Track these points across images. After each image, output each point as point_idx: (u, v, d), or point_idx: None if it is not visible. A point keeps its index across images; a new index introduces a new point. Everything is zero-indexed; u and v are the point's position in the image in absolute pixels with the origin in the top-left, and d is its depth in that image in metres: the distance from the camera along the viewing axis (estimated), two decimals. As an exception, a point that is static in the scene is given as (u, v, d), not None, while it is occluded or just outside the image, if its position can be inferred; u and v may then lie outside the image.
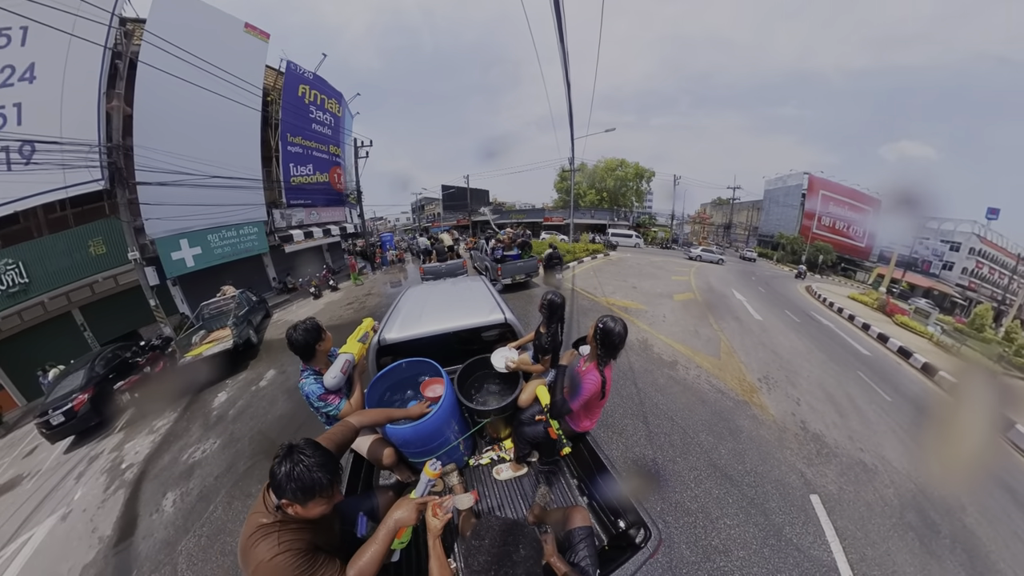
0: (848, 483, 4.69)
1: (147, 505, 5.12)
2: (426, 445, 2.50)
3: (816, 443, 5.43)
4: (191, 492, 5.14)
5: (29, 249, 10.48)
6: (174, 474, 5.65)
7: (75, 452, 7.22)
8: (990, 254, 32.75)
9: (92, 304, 11.83)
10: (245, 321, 10.18)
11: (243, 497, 4.88)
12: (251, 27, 13.93)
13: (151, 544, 4.41)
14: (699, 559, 3.46)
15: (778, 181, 39.77)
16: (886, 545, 3.85)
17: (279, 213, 16.36)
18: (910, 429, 6.33)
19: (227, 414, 7.10)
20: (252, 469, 5.38)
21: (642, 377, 6.82)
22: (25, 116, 9.73)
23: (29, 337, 11.12)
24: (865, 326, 12.80)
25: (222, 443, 6.17)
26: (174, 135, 11.93)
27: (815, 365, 8.50)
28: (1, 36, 9.43)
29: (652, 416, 5.64)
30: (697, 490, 4.29)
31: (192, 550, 4.19)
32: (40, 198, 10.03)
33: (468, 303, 4.05)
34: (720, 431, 5.43)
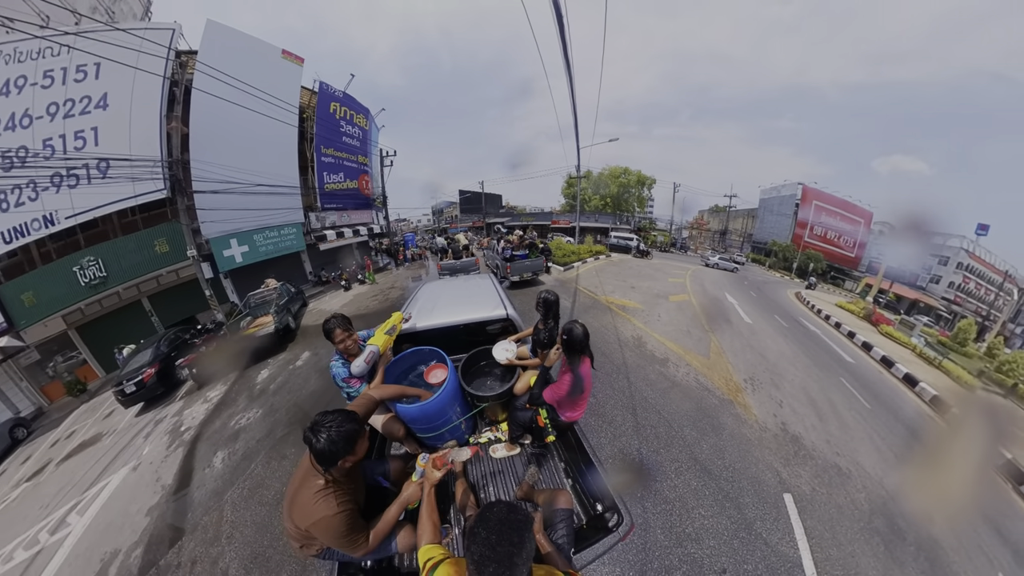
0: (821, 485, 4.42)
1: (201, 461, 5.39)
2: (431, 423, 2.52)
3: (794, 444, 5.13)
4: (237, 452, 5.36)
5: (106, 248, 10.96)
6: (223, 436, 5.87)
7: (144, 416, 7.60)
8: (977, 269, 30.47)
9: (157, 294, 12.34)
10: (285, 310, 10.27)
11: (279, 459, 5.04)
12: (287, 53, 14.00)
13: (203, 493, 4.69)
14: (672, 544, 3.38)
15: (773, 191, 37.74)
16: (852, 547, 3.61)
17: (314, 215, 16.47)
18: (887, 437, 5.90)
19: (268, 388, 7.24)
20: (288, 435, 5.52)
21: (634, 372, 6.55)
22: (101, 138, 10.17)
23: (107, 321, 11.73)
24: (851, 334, 11.89)
25: (263, 412, 6.32)
26: (224, 149, 12.15)
27: (800, 369, 7.94)
28: (80, 72, 9.88)
29: (641, 409, 5.42)
30: (677, 480, 4.16)
31: (236, 499, 4.42)
32: (114, 206, 10.48)
33: (475, 299, 3.99)
34: (704, 427, 5.18)
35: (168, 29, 10.58)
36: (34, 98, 9.76)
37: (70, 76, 9.88)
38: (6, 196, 9.74)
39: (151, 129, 10.59)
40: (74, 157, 9.98)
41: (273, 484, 4.60)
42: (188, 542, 4.01)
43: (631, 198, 39.41)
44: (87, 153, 10.02)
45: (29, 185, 9.81)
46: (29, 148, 9.73)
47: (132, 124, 10.39)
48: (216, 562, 3.68)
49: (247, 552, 3.72)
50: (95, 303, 11.20)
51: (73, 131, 9.99)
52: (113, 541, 4.39)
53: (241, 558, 3.66)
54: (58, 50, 9.67)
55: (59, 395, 11.17)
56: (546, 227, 35.89)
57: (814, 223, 34.03)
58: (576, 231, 23.83)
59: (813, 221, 34.03)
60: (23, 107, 9.71)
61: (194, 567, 3.69)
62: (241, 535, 3.94)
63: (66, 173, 10.02)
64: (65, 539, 4.72)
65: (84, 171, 10.10)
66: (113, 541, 4.39)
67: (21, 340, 10.24)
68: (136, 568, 3.89)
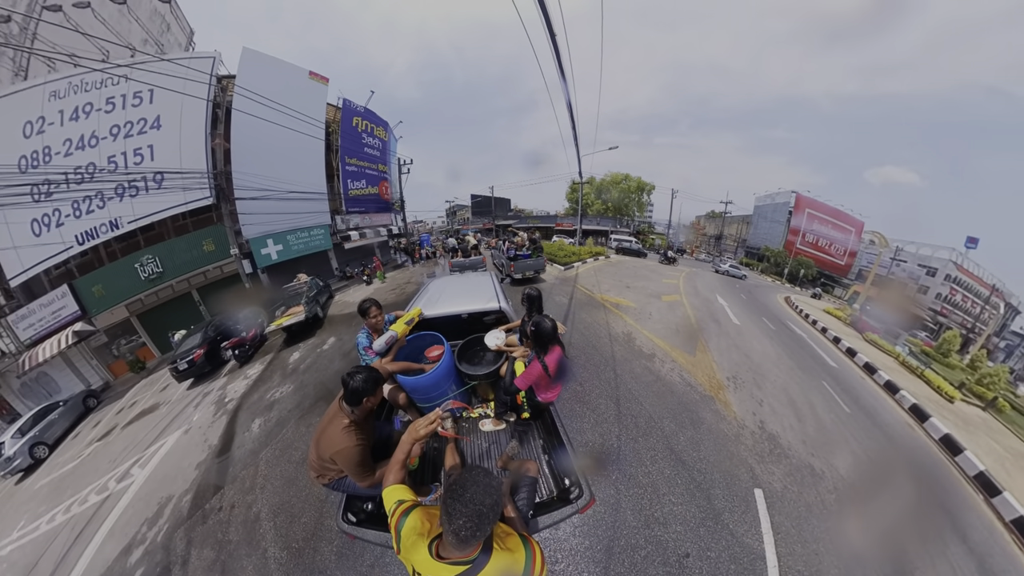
0: (793, 483, 4.13)
1: (241, 426, 5.68)
2: (428, 394, 2.68)
3: (770, 443, 4.81)
4: (271, 419, 5.61)
5: (162, 248, 11.41)
6: (260, 407, 6.14)
7: (194, 389, 7.96)
8: (965, 282, 28.30)
9: (205, 286, 12.68)
10: (314, 301, 10.22)
11: (307, 426, 5.21)
12: (314, 74, 14.20)
13: (242, 452, 4.99)
14: (640, 525, 3.30)
15: (767, 198, 35.95)
16: (816, 546, 3.38)
17: (340, 218, 16.69)
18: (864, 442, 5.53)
19: (299, 367, 7.43)
20: (314, 407, 5.68)
21: (622, 365, 6.31)
22: (156, 154, 10.60)
23: (162, 309, 12.20)
24: (836, 339, 11.10)
25: (294, 388, 6.51)
26: (261, 161, 12.39)
27: (783, 371, 7.45)
28: (136, 98, 10.32)
29: (624, 400, 5.22)
30: (651, 467, 4.00)
31: (269, 457, 4.70)
32: (168, 212, 10.94)
33: (475, 293, 4.08)
34: (683, 420, 4.93)
35: (209, 57, 10.98)
36: (99, 122, 10.24)
37: (128, 102, 10.34)
38: (79, 205, 10.29)
39: (198, 145, 11.01)
40: (134, 171, 10.48)
41: (300, 446, 4.81)
42: (228, 491, 4.33)
43: (631, 203, 38.36)
44: (144, 167, 10.51)
45: (98, 195, 10.36)
46: (97, 164, 10.26)
47: (182, 141, 10.82)
48: (250, 507, 3.99)
49: (276, 500, 4.00)
50: (152, 294, 11.72)
51: (132, 149, 10.48)
52: (168, 489, 4.77)
53: (270, 505, 3.94)
54: (117, 80, 10.13)
55: (122, 372, 11.78)
56: (551, 229, 35.24)
57: (806, 230, 32.52)
58: (578, 233, 23.59)
59: (805, 228, 32.51)
60: (91, 129, 10.21)
61: (232, 511, 4.01)
62: (272, 486, 4.22)
63: (128, 185, 10.53)
64: (129, 487, 5.13)
65: (143, 183, 10.60)
66: (168, 489, 4.77)
67: (93, 325, 10.84)
68: (186, 510, 4.26)
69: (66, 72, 10.00)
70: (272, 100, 11.46)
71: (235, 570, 3.35)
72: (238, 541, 3.65)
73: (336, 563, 3.21)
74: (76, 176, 10.11)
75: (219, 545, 3.67)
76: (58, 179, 9.97)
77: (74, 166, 10.12)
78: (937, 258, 28.93)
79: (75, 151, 10.16)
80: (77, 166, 10.16)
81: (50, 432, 8.28)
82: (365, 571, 3.09)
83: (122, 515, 4.64)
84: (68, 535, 4.70)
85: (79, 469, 6.57)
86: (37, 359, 9.63)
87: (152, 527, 4.25)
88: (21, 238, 9.89)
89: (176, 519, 4.19)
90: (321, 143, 15.00)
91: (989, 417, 8.74)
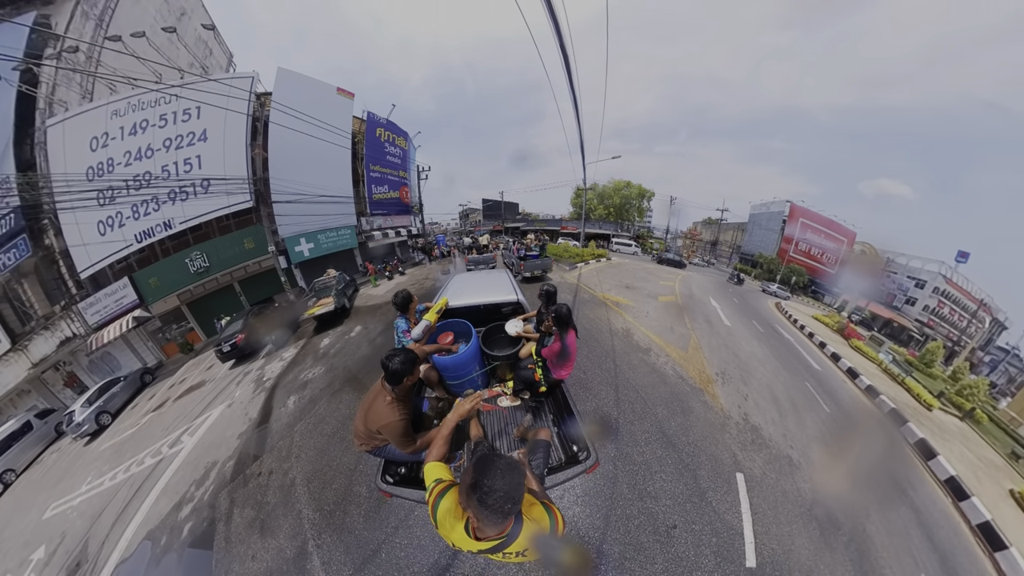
0: (772, 471, 4.17)
1: (278, 402, 5.80)
2: (457, 372, 2.78)
3: (753, 433, 4.83)
4: (304, 397, 5.73)
5: (209, 246, 11.65)
6: (295, 386, 6.26)
7: (236, 369, 8.15)
8: (953, 295, 26.95)
9: (246, 279, 12.90)
10: (342, 293, 10.25)
11: (337, 403, 5.28)
12: (341, 90, 14.21)
13: (279, 425, 5.11)
14: (634, 498, 3.38)
15: (762, 206, 34.53)
16: (790, 528, 3.45)
17: (364, 219, 16.77)
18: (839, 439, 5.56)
19: (329, 352, 7.55)
20: (344, 387, 5.76)
21: (621, 357, 6.36)
22: (204, 163, 10.79)
23: (208, 299, 12.46)
24: (822, 344, 10.77)
25: (325, 370, 6.63)
26: (294, 168, 12.39)
27: (768, 370, 7.38)
28: (185, 114, 10.53)
29: (622, 387, 5.28)
30: (645, 448, 4.05)
31: (303, 430, 4.81)
32: (214, 214, 11.14)
33: (494, 287, 4.23)
34: (674, 408, 4.97)
35: (248, 77, 11.12)
36: (154, 136, 10.49)
37: (179, 117, 10.56)
38: (137, 208, 10.59)
39: (239, 154, 11.16)
40: (184, 178, 10.72)
41: (331, 421, 4.89)
42: (267, 459, 4.44)
43: (632, 209, 37.68)
44: (193, 175, 10.74)
45: (153, 200, 10.64)
46: (152, 172, 10.53)
47: (225, 151, 11.00)
48: (286, 473, 4.10)
49: (309, 468, 4.10)
50: (200, 286, 11.99)
51: (183, 159, 10.70)
52: (213, 455, 4.93)
53: (304, 473, 4.04)
54: (169, 99, 10.37)
55: (174, 352, 12.13)
56: (556, 232, 34.96)
57: (799, 239, 31.18)
58: (581, 236, 23.46)
59: (799, 237, 31.18)
60: (147, 143, 10.47)
61: (270, 476, 4.13)
62: (306, 455, 4.32)
63: (179, 190, 10.78)
64: (180, 452, 5.32)
65: (192, 188, 10.84)
66: (213, 455, 4.93)
67: (149, 312, 11.17)
68: (229, 474, 4.41)
69: (126, 93, 10.28)
70: (304, 113, 11.54)
71: (273, 528, 3.46)
72: (275, 503, 3.75)
73: (363, 524, 3.29)
74: (135, 183, 10.41)
75: (258, 506, 3.78)
76: (119, 186, 10.28)
77: (133, 175, 10.42)
78: (927, 271, 27.59)
79: (134, 162, 10.45)
80: (136, 174, 10.45)
81: (112, 403, 8.57)
82: (390, 532, 3.17)
83: (174, 476, 4.82)
84: (127, 492, 4.90)
85: (137, 435, 6.82)
86: (102, 340, 9.98)
87: (200, 488, 4.41)
88: (89, 237, 10.23)
89: (220, 482, 4.33)
90: (348, 152, 15.07)
91: (966, 427, 8.48)
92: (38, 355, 10.01)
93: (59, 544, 4.45)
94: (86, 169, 10.22)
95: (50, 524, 5.01)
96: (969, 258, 24.85)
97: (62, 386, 10.99)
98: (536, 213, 45.44)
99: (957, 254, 25.14)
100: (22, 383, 10.00)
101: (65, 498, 5.49)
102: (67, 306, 10.51)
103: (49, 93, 10.12)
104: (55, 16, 10.27)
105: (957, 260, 25.41)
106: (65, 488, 5.85)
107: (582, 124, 7.90)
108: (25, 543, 4.80)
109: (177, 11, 13.87)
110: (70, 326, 10.36)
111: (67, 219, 9.98)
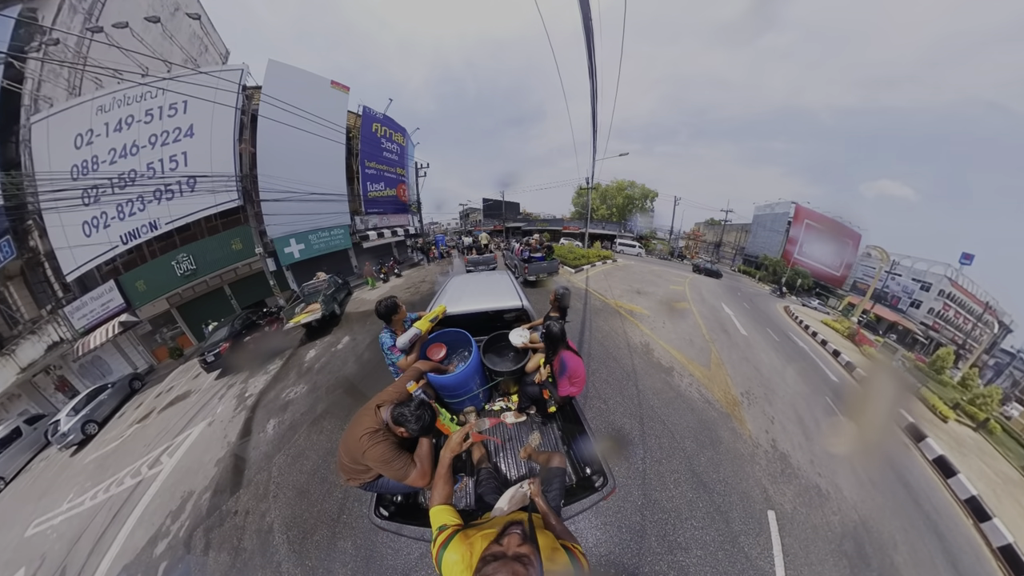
0: (802, 504, 4.09)
1: (257, 425, 5.60)
2: (456, 391, 2.59)
3: (782, 462, 4.75)
4: (284, 422, 5.48)
5: (195, 247, 11.55)
6: (275, 406, 6.02)
7: (221, 380, 7.99)
8: (958, 298, 26.84)
9: (236, 281, 12.85)
10: (331, 298, 10.10)
11: (318, 432, 5.03)
12: (336, 83, 13.96)
13: (257, 454, 4.90)
14: (663, 551, 3.21)
15: (767, 208, 34.11)
16: (821, 567, 3.36)
17: (359, 219, 16.51)
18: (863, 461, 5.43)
19: (314, 367, 7.25)
20: (326, 412, 5.47)
21: (643, 380, 6.06)
22: (189, 159, 10.62)
23: (198, 302, 12.43)
24: (836, 352, 10.83)
25: (308, 389, 6.32)
26: (284, 165, 12.19)
27: (790, 385, 7.35)
28: (172, 109, 10.33)
29: (648, 418, 5.03)
30: (675, 491, 3.85)
31: (282, 464, 4.54)
32: (201, 213, 10.99)
33: (496, 291, 3.94)
34: (703, 440, 4.76)
35: (238, 69, 10.90)
36: (139, 132, 10.34)
37: (164, 112, 10.38)
38: (123, 208, 10.49)
39: (227, 151, 10.96)
40: (170, 176, 10.58)
41: (311, 455, 4.64)
42: (243, 495, 4.26)
43: (635, 209, 37.57)
44: (180, 173, 10.58)
45: (139, 199, 10.54)
46: (137, 170, 10.39)
47: (212, 148, 10.80)
48: (264, 516, 3.87)
49: (288, 512, 3.84)
50: (189, 289, 11.94)
51: (168, 156, 10.56)
52: (190, 483, 4.80)
53: (283, 517, 3.80)
54: (155, 93, 10.17)
55: (165, 357, 12.16)
56: (558, 232, 34.90)
57: (804, 241, 30.81)
58: (585, 237, 23.20)
59: (804, 239, 30.78)
60: (132, 139, 10.33)
61: (247, 517, 3.93)
62: (284, 496, 4.08)
63: (164, 189, 10.64)
64: (158, 475, 5.21)
65: (177, 186, 10.70)
66: (190, 483, 4.80)
67: (136, 316, 11.17)
68: (205, 509, 4.26)
69: (112, 87, 10.08)
70: (296, 107, 11.30)
71: (250, 579, 3.26)
72: (252, 550, 3.58)
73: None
74: (119, 182, 10.28)
75: (235, 551, 3.62)
76: (104, 185, 10.16)
77: (118, 173, 10.29)
78: (932, 273, 27.47)
79: (119, 159, 10.32)
80: (120, 173, 10.32)
81: (100, 411, 8.57)
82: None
83: (151, 503, 4.74)
84: (106, 515, 4.83)
85: (120, 449, 6.77)
86: (89, 346, 10.01)
87: (175, 521, 4.30)
88: (74, 238, 10.17)
89: (196, 517, 4.21)
90: (342, 147, 14.81)
91: (980, 438, 8.46)
92: (26, 360, 10.08)
93: (38, 568, 4.42)
94: (70, 167, 10.11)
95: (31, 544, 5.00)
96: (973, 260, 24.61)
97: (54, 390, 11.09)
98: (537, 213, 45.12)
99: (961, 256, 24.90)
100: (12, 387, 10.09)
101: (48, 515, 5.47)
102: (54, 310, 10.53)
103: (34, 89, 9.94)
104: (42, 9, 10.04)
105: (961, 262, 25.16)
106: (49, 503, 5.83)
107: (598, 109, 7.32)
108: (6, 563, 4.79)
109: (171, 6, 13.44)
110: (57, 330, 10.40)
111: (52, 220, 9.91)
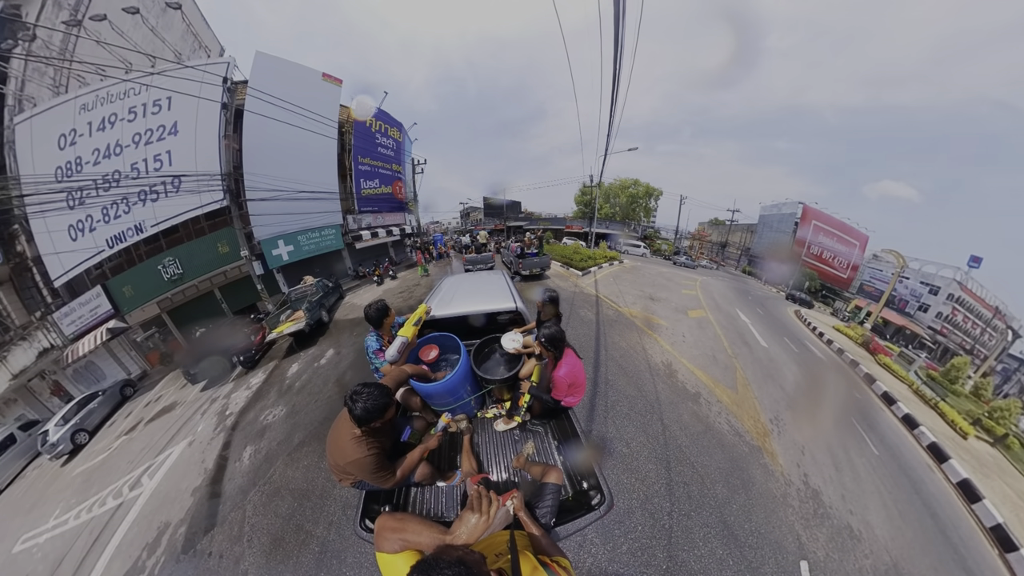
0: (835, 550, 4.03)
1: (234, 452, 5.71)
2: (444, 399, 2.62)
3: (814, 501, 4.66)
4: (261, 451, 5.51)
5: (182, 250, 11.82)
6: (253, 431, 6.11)
7: (206, 392, 8.21)
8: (967, 302, 27.18)
9: (226, 285, 13.06)
10: (318, 305, 10.21)
11: (295, 466, 4.99)
12: (328, 76, 13.94)
13: (232, 487, 4.95)
14: None
15: (773, 208, 34.16)
16: None
17: (352, 218, 16.62)
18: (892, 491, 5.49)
19: (294, 385, 7.25)
20: (304, 443, 5.45)
21: (668, 411, 5.77)
22: (174, 158, 10.79)
23: (189, 306, 12.71)
24: (854, 363, 11.00)
25: (287, 412, 6.34)
26: (272, 162, 12.37)
27: (816, 406, 7.35)
28: (155, 106, 10.50)
29: (675, 461, 4.75)
30: (704, 549, 3.62)
31: (256, 501, 4.50)
32: (187, 215, 11.22)
33: (489, 292, 3.90)
34: (734, 483, 4.57)
35: (224, 63, 10.94)
36: (123, 131, 10.56)
37: (148, 110, 10.57)
38: (108, 211, 10.81)
39: (212, 148, 11.06)
40: (154, 176, 10.81)
41: (286, 495, 4.60)
42: (218, 534, 4.30)
43: (639, 208, 38.06)
44: (164, 172, 10.78)
45: (124, 201, 10.83)
46: (122, 171, 10.65)
47: (197, 145, 10.94)
48: (238, 562, 3.76)
49: (262, 563, 3.72)
50: (179, 293, 12.26)
51: (153, 155, 10.77)
52: (167, 513, 4.98)
53: (257, 568, 3.68)
54: (139, 89, 10.34)
55: (157, 362, 12.60)
56: (561, 231, 35.26)
57: (812, 242, 30.98)
58: (591, 237, 23.02)
59: (811, 240, 30.94)
60: (116, 138, 10.57)
61: (221, 560, 3.93)
62: (259, 542, 4.03)
63: (149, 190, 10.89)
64: (138, 498, 5.44)
65: (162, 187, 10.94)
66: (167, 513, 4.98)
67: (124, 322, 11.55)
68: (179, 544, 4.36)
69: (94, 85, 10.29)
70: (284, 101, 11.29)
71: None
72: None
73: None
74: (104, 183, 10.57)
75: None
76: (88, 186, 10.47)
77: (102, 174, 10.57)
78: (941, 276, 27.46)
79: (102, 160, 10.59)
80: (104, 174, 10.60)
81: (90, 420, 8.91)
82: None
83: (129, 531, 4.97)
84: (87, 539, 5.10)
85: (107, 463, 7.08)
86: (78, 353, 10.49)
87: (151, 555, 4.43)
88: (61, 242, 10.58)
89: (171, 552, 4.33)
90: (334, 143, 14.84)
91: (999, 455, 8.54)
92: (17, 366, 10.60)
93: (22, 591, 4.81)
94: (55, 169, 10.45)
95: (17, 561, 5.32)
96: (982, 263, 24.87)
97: (49, 395, 11.60)
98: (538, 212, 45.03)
99: (969, 259, 24.99)
100: (6, 393, 10.63)
101: (36, 530, 5.81)
102: (44, 316, 11.00)
103: (18, 89, 10.22)
104: (25, 6, 10.23)
105: (970, 265, 25.31)
106: (37, 517, 6.18)
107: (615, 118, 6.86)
108: (-7, 581, 5.21)
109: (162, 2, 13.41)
110: (47, 336, 10.90)
111: (38, 224, 10.31)
